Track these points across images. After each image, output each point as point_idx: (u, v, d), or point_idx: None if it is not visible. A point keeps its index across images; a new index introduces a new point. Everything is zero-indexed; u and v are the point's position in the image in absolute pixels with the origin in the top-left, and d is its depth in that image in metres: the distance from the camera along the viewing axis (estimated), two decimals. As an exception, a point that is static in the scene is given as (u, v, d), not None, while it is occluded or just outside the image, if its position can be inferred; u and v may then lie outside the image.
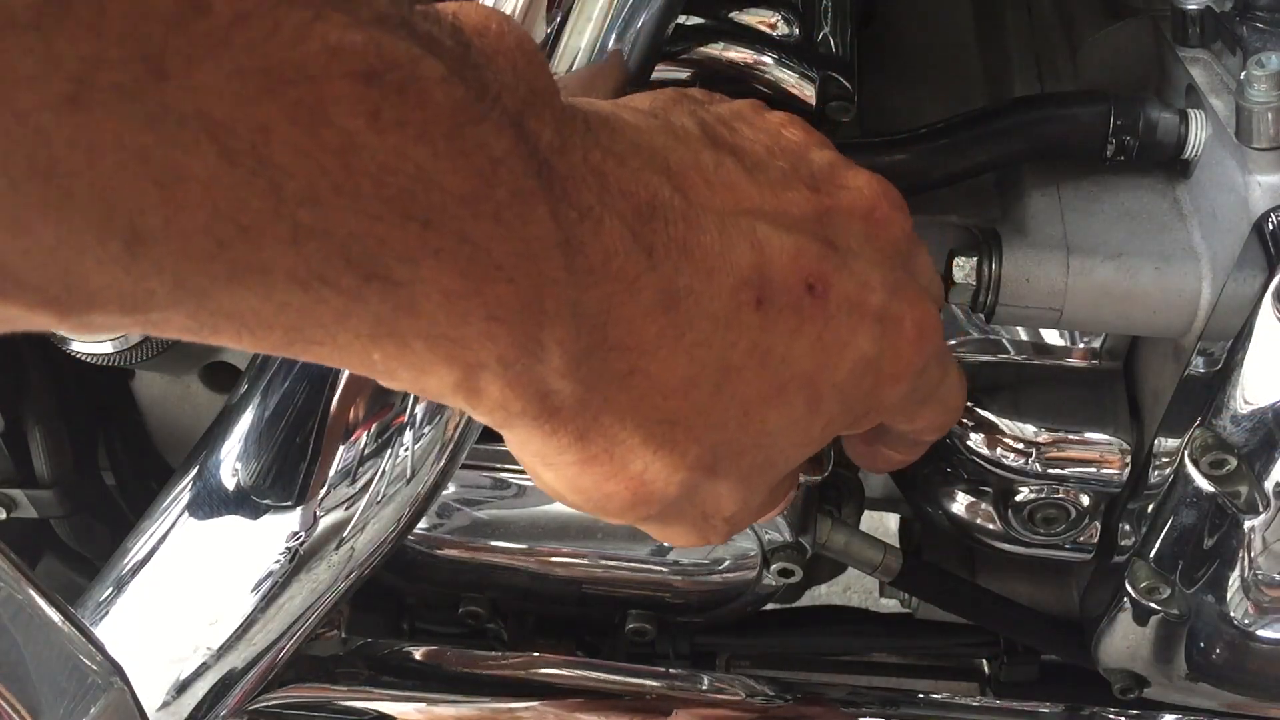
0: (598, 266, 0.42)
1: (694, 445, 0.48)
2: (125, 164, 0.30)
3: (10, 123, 0.28)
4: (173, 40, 0.29)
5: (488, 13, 0.41)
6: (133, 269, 0.31)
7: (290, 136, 0.32)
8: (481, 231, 0.37)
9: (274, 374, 0.64)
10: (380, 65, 0.33)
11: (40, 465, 0.84)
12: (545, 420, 0.44)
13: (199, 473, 0.67)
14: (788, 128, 0.55)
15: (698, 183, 0.47)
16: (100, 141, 0.29)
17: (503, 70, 0.40)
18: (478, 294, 0.38)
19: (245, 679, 0.70)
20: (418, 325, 0.38)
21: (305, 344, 0.37)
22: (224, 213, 0.32)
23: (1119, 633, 0.88)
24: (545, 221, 0.39)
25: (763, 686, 0.93)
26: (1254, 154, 0.71)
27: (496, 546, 0.92)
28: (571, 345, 0.42)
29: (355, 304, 0.36)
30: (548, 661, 0.94)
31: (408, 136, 0.34)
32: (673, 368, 0.45)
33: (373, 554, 0.68)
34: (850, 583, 1.91)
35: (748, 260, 0.47)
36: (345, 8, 0.33)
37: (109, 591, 0.69)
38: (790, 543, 0.86)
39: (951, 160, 0.80)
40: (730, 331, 0.47)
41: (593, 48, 0.61)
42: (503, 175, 0.37)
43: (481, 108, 0.37)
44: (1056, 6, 0.94)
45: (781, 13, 0.84)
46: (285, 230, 0.33)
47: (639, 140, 0.47)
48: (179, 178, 0.30)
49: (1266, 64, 0.69)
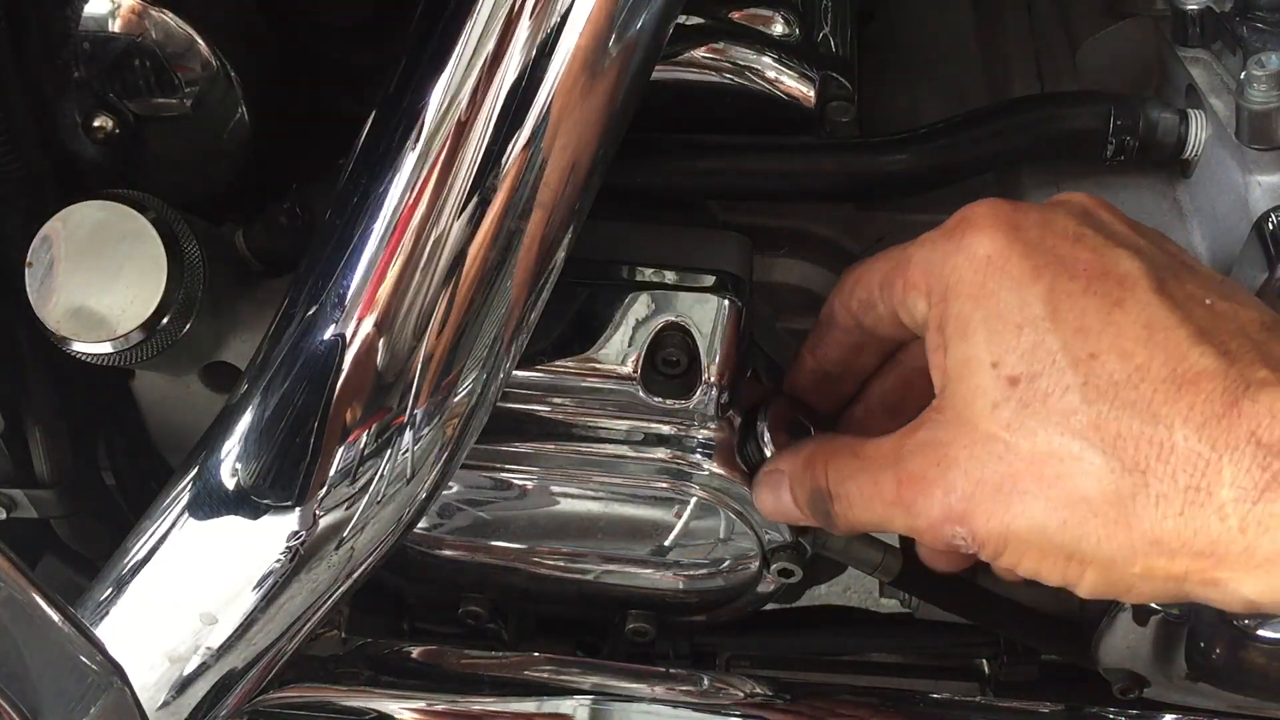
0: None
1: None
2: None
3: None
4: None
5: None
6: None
7: None
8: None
9: (274, 374, 0.64)
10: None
11: (40, 465, 0.84)
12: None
13: (199, 473, 0.67)
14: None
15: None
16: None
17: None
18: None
19: (245, 679, 0.70)
20: None
21: None
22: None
23: (1119, 633, 0.88)
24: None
25: (763, 687, 0.93)
26: (1254, 154, 0.72)
27: (496, 546, 0.92)
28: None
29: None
30: (548, 661, 0.94)
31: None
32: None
33: (373, 554, 0.68)
34: (850, 583, 1.91)
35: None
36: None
37: (109, 591, 0.69)
38: (790, 543, 0.86)
39: (951, 160, 0.80)
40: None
41: (593, 48, 0.61)
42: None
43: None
44: (1056, 6, 0.94)
45: (781, 12, 0.84)
46: None
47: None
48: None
49: (1266, 64, 0.69)
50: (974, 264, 0.58)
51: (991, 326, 0.57)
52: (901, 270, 0.62)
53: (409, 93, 0.62)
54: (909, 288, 0.62)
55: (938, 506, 0.58)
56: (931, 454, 0.58)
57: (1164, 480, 0.52)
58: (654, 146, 0.81)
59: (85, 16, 0.75)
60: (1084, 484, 0.54)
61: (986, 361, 0.56)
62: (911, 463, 0.59)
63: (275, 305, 0.66)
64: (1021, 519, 0.56)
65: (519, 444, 0.84)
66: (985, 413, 0.56)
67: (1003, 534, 0.56)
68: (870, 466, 0.62)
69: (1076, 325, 0.55)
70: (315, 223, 0.78)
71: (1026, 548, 0.56)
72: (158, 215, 0.72)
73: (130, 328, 0.71)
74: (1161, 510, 0.53)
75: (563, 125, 0.62)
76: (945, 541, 0.59)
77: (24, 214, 0.76)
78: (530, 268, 0.64)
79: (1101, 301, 0.55)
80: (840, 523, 0.66)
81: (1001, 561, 0.58)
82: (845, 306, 0.68)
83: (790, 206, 0.88)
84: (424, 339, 0.63)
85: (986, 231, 0.58)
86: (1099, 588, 0.56)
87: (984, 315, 0.57)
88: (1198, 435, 0.52)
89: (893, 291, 0.63)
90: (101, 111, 0.77)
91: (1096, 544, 0.54)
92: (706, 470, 0.82)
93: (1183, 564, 0.53)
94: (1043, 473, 0.55)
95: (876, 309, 0.65)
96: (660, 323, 0.77)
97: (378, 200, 0.62)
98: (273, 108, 0.81)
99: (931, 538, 0.60)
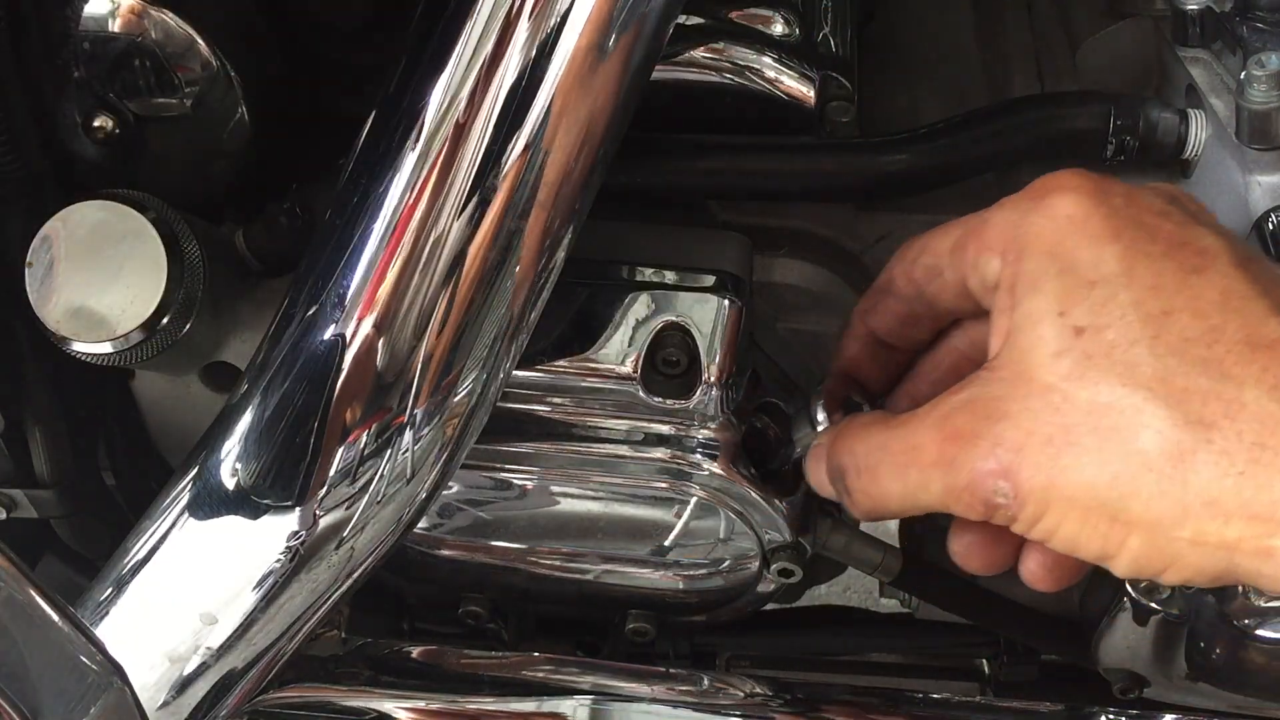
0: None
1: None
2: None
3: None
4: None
5: None
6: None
7: None
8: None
9: (274, 374, 0.64)
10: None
11: (40, 465, 0.84)
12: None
13: (199, 473, 0.67)
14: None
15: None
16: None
17: None
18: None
19: (245, 679, 0.70)
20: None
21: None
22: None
23: (1119, 633, 0.88)
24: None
25: (763, 686, 0.93)
26: (1254, 154, 0.72)
27: (496, 546, 0.92)
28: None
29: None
30: (547, 661, 0.94)
31: None
32: None
33: (373, 554, 0.68)
34: (850, 583, 1.91)
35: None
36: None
37: (109, 591, 0.69)
38: (790, 543, 0.86)
39: (951, 160, 0.80)
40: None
41: (593, 48, 0.61)
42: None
43: None
44: (1056, 6, 0.94)
45: (781, 12, 0.85)
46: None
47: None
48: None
49: (1266, 64, 0.69)
50: (1054, 222, 0.57)
51: (1063, 280, 0.55)
52: (976, 233, 0.60)
53: (409, 93, 0.62)
54: (983, 249, 0.60)
55: (982, 459, 0.56)
56: (980, 408, 0.56)
57: (1229, 436, 0.51)
58: (654, 146, 0.81)
59: (85, 16, 0.75)
60: (1143, 437, 0.52)
61: (1053, 311, 0.55)
62: (957, 418, 0.57)
63: (275, 305, 0.66)
64: (1070, 472, 0.54)
65: (519, 444, 0.84)
66: (1045, 362, 0.55)
67: (1046, 489, 0.54)
68: (906, 430, 0.60)
69: (1152, 284, 0.54)
70: (315, 223, 0.78)
71: (1070, 506, 0.54)
72: (158, 215, 0.73)
73: (130, 328, 0.71)
74: (1222, 467, 0.51)
75: (562, 125, 0.62)
76: (984, 500, 0.56)
77: (24, 214, 0.76)
78: (530, 268, 0.64)
79: (1179, 266, 0.54)
80: (860, 499, 0.63)
81: (1040, 526, 0.56)
82: (907, 274, 0.66)
83: (790, 206, 0.88)
84: (424, 339, 0.63)
85: (1070, 193, 0.57)
86: (1139, 559, 0.54)
87: (1058, 269, 0.56)
88: (1270, 396, 0.51)
89: (964, 255, 0.61)
90: (101, 111, 0.77)
91: (1145, 503, 0.53)
92: (706, 470, 0.82)
93: (1237, 529, 0.51)
94: (1099, 424, 0.53)
95: (943, 275, 0.63)
96: (660, 323, 0.77)
97: (378, 200, 0.62)
98: (273, 108, 0.81)
99: (969, 497, 0.57)
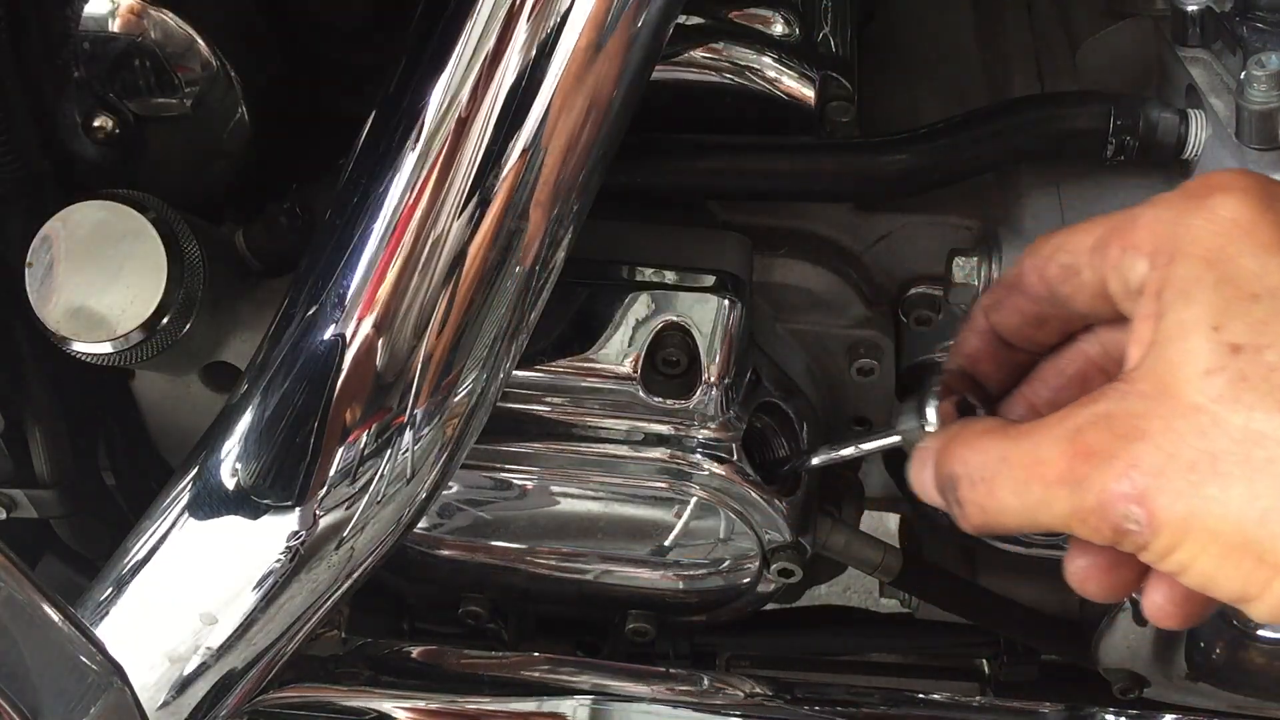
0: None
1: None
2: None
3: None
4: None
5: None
6: None
7: None
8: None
9: (274, 374, 0.64)
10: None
11: (40, 465, 0.84)
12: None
13: (199, 473, 0.67)
14: None
15: None
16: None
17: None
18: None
19: (245, 679, 0.70)
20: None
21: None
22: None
23: (1119, 633, 0.88)
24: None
25: (763, 686, 0.93)
26: (1254, 154, 0.71)
27: (496, 546, 0.92)
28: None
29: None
30: (547, 661, 0.94)
31: None
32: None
33: (373, 554, 0.68)
34: (850, 583, 1.91)
35: None
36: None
37: (109, 591, 0.69)
38: (790, 543, 0.86)
39: (951, 160, 0.80)
40: None
41: (593, 48, 0.61)
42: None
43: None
44: (1056, 6, 0.94)
45: (781, 12, 0.84)
46: None
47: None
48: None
49: (1266, 64, 0.69)
50: (1215, 225, 0.52)
51: (1222, 291, 0.51)
52: (1123, 232, 0.56)
53: (409, 93, 0.62)
54: (1129, 249, 0.55)
55: (1115, 480, 0.51)
56: (1117, 425, 0.52)
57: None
58: (654, 146, 0.81)
59: (85, 16, 0.75)
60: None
61: (1207, 324, 0.50)
62: (1089, 434, 0.53)
63: (275, 305, 0.66)
64: (1214, 504, 0.49)
65: (519, 444, 0.84)
66: (1194, 379, 0.50)
67: (1186, 519, 0.50)
68: (1030, 442, 0.55)
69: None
70: (315, 223, 0.78)
71: (1210, 541, 0.50)
72: (158, 215, 0.73)
73: (130, 328, 0.71)
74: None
75: (562, 125, 0.62)
76: (1113, 524, 0.52)
77: (24, 214, 0.76)
78: (530, 268, 0.64)
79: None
80: (972, 512, 0.58)
81: (1174, 559, 0.52)
82: (1039, 271, 0.61)
83: (790, 206, 0.88)
84: (424, 339, 0.63)
85: (1235, 194, 0.52)
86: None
87: (1216, 278, 0.51)
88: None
89: (1106, 255, 0.57)
90: (101, 111, 0.77)
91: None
92: (706, 470, 0.82)
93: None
94: (1251, 454, 0.49)
95: (1080, 275, 0.59)
96: (660, 323, 0.77)
97: (378, 200, 0.62)
98: (273, 108, 0.81)
99: (1097, 520, 0.52)
